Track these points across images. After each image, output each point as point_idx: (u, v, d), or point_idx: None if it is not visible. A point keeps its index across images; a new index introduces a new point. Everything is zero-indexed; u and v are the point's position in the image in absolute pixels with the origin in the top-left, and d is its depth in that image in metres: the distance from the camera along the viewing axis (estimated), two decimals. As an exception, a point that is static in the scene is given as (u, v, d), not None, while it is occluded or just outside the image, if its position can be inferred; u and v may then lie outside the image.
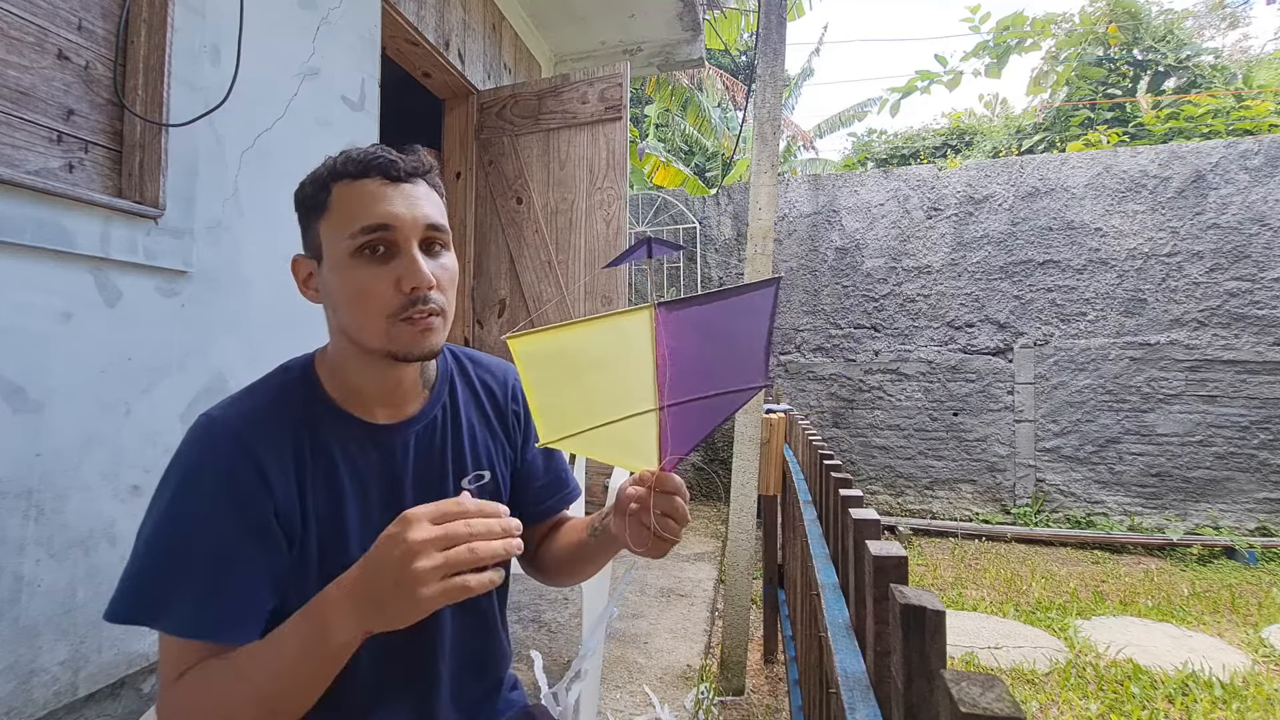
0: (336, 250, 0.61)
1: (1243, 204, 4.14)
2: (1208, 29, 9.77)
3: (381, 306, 0.60)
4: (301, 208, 0.66)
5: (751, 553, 2.05)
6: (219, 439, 0.61)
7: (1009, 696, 0.37)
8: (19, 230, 1.08)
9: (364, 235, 0.60)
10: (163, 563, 0.57)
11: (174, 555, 0.58)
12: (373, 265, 0.61)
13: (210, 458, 0.60)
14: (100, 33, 1.30)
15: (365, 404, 0.68)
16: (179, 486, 0.59)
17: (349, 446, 0.67)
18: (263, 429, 0.63)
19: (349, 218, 0.60)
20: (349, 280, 0.61)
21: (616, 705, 1.80)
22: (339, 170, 0.62)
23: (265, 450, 0.61)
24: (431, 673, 0.71)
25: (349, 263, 0.61)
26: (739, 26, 6.02)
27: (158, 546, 0.58)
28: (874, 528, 0.75)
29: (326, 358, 0.70)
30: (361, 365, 0.67)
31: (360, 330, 0.62)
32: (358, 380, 0.67)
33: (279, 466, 0.62)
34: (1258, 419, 4.07)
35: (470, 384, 0.79)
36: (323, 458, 0.65)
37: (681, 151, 9.38)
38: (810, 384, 4.88)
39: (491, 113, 2.95)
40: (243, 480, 0.60)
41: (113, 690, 1.25)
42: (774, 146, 2.06)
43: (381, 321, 0.61)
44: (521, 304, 2.92)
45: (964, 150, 8.48)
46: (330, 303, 0.65)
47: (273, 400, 0.65)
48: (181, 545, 0.58)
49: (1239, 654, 2.51)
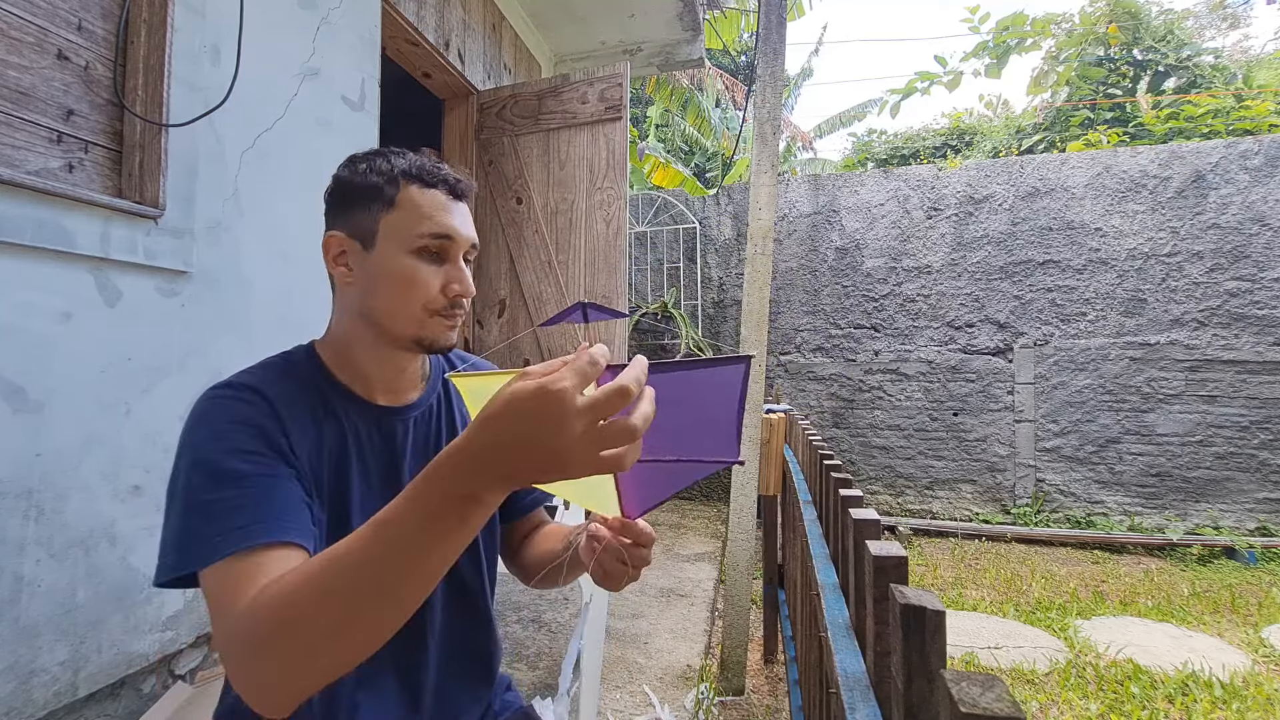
0: (396, 243, 0.67)
1: (1243, 204, 4.14)
2: (1208, 29, 9.77)
3: (426, 301, 0.68)
4: (355, 192, 0.69)
5: (751, 553, 2.05)
6: (239, 392, 0.63)
7: (1009, 696, 0.37)
8: (19, 230, 1.08)
9: (430, 239, 0.67)
10: (206, 500, 0.56)
11: (216, 488, 0.56)
12: (429, 264, 0.68)
13: (229, 403, 0.62)
14: (100, 33, 1.30)
15: (368, 387, 0.72)
16: (202, 434, 0.60)
17: (355, 421, 0.70)
18: (280, 390, 0.65)
19: (418, 219, 0.67)
20: (404, 271, 0.67)
21: (616, 705, 1.80)
22: (411, 173, 0.68)
23: (281, 404, 0.64)
24: (420, 653, 0.72)
25: (408, 257, 0.67)
26: (739, 26, 6.02)
27: (196, 488, 0.57)
28: (874, 528, 0.75)
29: (331, 341, 0.73)
30: (373, 349, 0.70)
31: (394, 315, 0.68)
32: (364, 363, 0.71)
33: (295, 420, 0.64)
34: (1258, 419, 4.07)
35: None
36: (334, 424, 0.68)
37: (681, 151, 9.38)
38: (810, 384, 4.88)
39: (491, 113, 2.95)
40: (264, 417, 0.62)
41: (113, 690, 1.25)
42: (774, 146, 2.06)
43: (420, 313, 0.68)
44: (521, 304, 2.92)
45: (964, 150, 8.48)
46: (367, 285, 0.68)
47: (283, 372, 0.68)
48: (220, 478, 0.57)
49: (1239, 654, 2.51)
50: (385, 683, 0.70)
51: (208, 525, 0.55)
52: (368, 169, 0.69)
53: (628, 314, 0.68)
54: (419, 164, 0.69)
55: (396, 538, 0.45)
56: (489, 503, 0.45)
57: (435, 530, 0.45)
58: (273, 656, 0.46)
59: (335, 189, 0.71)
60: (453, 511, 0.44)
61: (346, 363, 0.71)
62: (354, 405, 0.71)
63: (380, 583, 0.45)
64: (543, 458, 0.42)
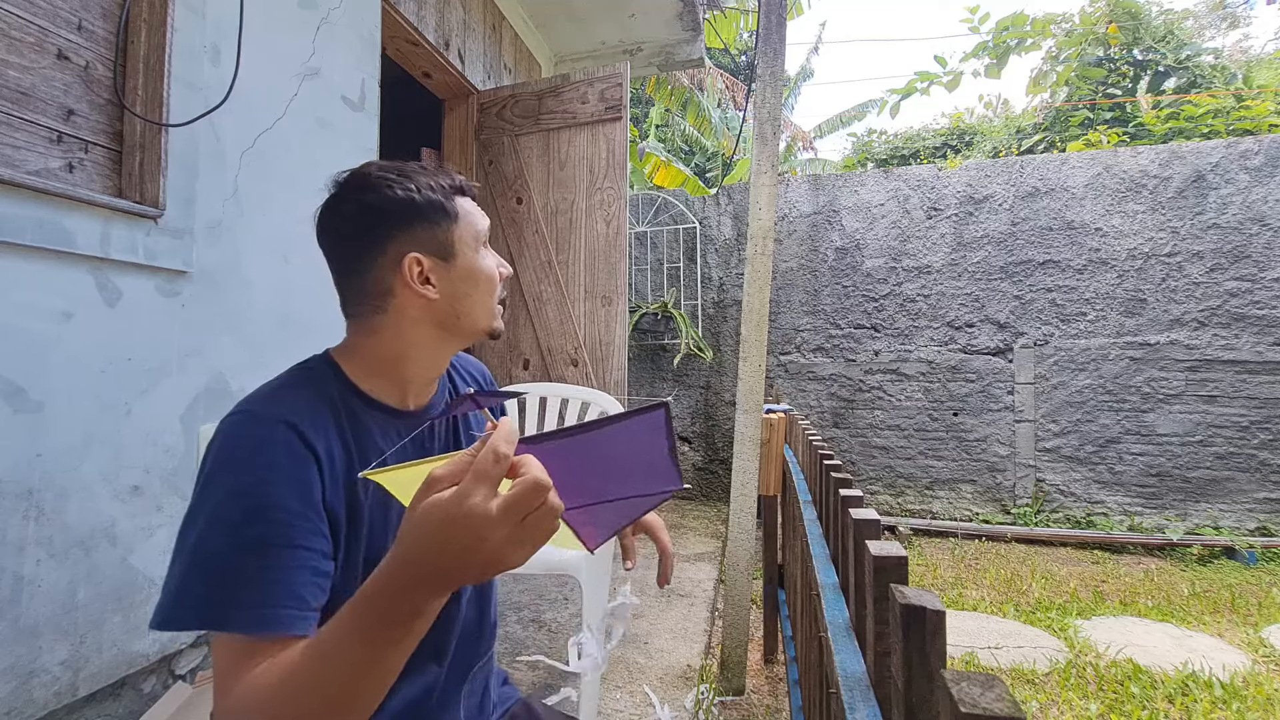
0: (471, 247, 0.73)
1: (1243, 204, 4.14)
2: (1207, 29, 9.77)
3: (496, 290, 0.76)
4: (418, 211, 0.69)
5: (751, 553, 2.05)
6: (269, 425, 0.60)
7: (1009, 696, 0.37)
8: (19, 230, 1.08)
9: (486, 235, 0.75)
10: (219, 563, 0.55)
11: (232, 551, 0.55)
12: (487, 258, 0.75)
13: (261, 446, 0.59)
14: (100, 33, 1.30)
15: (400, 394, 0.73)
16: (229, 482, 0.57)
17: (388, 432, 0.71)
18: (308, 417, 0.62)
19: (476, 221, 0.74)
20: (485, 270, 0.74)
21: (616, 705, 1.80)
22: (459, 188, 0.74)
23: (315, 435, 0.62)
24: (446, 642, 0.74)
25: (479, 256, 0.74)
26: (739, 26, 6.01)
27: (211, 544, 0.55)
28: (874, 528, 0.75)
29: (362, 353, 0.71)
30: (432, 353, 0.73)
31: (481, 314, 0.74)
32: (416, 370, 0.73)
33: (328, 452, 0.62)
34: (1258, 419, 4.07)
35: (460, 374, 0.88)
36: (370, 443, 0.68)
37: (681, 151, 9.38)
38: (810, 384, 4.88)
39: (491, 113, 2.95)
40: (300, 465, 0.59)
41: (113, 690, 1.25)
42: (774, 146, 2.06)
43: (494, 304, 0.76)
44: (521, 304, 2.92)
45: (964, 150, 8.48)
46: (457, 293, 0.71)
47: (306, 390, 0.66)
48: (239, 541, 0.55)
49: (1239, 654, 2.51)
50: (419, 669, 0.72)
51: (217, 591, 0.54)
52: (421, 188, 0.69)
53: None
54: (456, 178, 0.75)
55: (346, 661, 0.47)
56: (431, 610, 0.47)
57: (381, 646, 0.46)
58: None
59: (391, 210, 0.68)
60: (398, 626, 0.46)
61: (386, 373, 0.71)
62: (382, 415, 0.71)
63: (339, 696, 0.48)
64: (476, 568, 0.44)
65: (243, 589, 0.54)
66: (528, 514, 0.43)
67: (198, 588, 0.54)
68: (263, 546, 0.55)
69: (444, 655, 0.74)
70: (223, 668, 0.53)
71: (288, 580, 0.55)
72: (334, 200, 0.69)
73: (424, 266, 0.68)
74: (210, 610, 0.53)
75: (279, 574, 0.55)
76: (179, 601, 0.54)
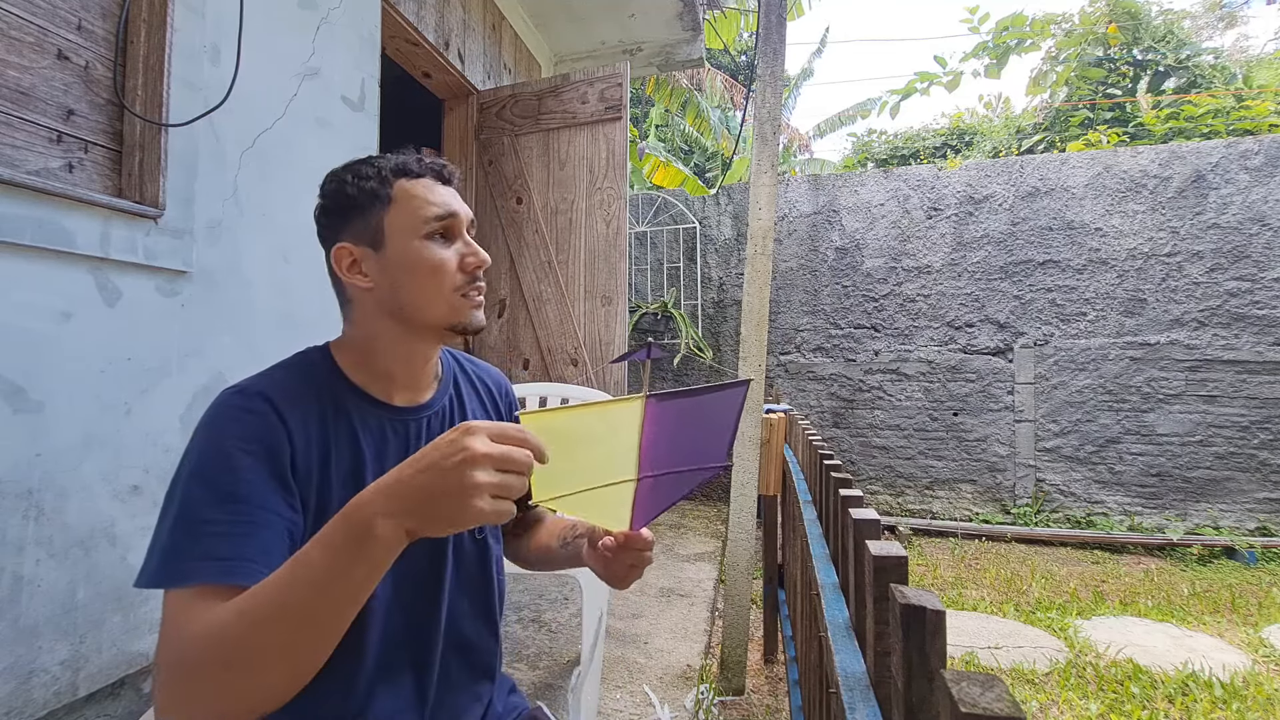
0: (406, 234, 0.69)
1: (1243, 204, 4.14)
2: (1207, 29, 9.76)
3: (450, 282, 0.70)
4: (350, 201, 0.70)
5: (751, 553, 2.05)
6: (247, 398, 0.64)
7: (1009, 696, 0.37)
8: (19, 230, 1.08)
9: (436, 222, 0.69)
10: (197, 516, 0.57)
11: (209, 506, 0.57)
12: (440, 246, 0.70)
13: (238, 414, 0.63)
14: (100, 33, 1.30)
15: (386, 388, 0.73)
16: (207, 444, 0.61)
17: (369, 422, 0.71)
18: (289, 394, 0.66)
19: (419, 205, 0.69)
20: (425, 259, 0.69)
21: (616, 705, 1.80)
22: (400, 169, 0.70)
23: (290, 410, 0.65)
24: (431, 651, 0.73)
25: (422, 244, 0.69)
26: (739, 26, 6.01)
27: (191, 500, 0.58)
28: (874, 528, 0.75)
29: (349, 345, 0.73)
30: (398, 346, 0.72)
31: (427, 305, 0.69)
32: (387, 362, 0.72)
33: (303, 428, 0.65)
34: (1258, 419, 4.07)
35: (470, 380, 0.86)
36: (345, 426, 0.69)
37: (681, 151, 9.38)
38: (810, 384, 4.88)
39: (491, 113, 2.95)
40: (269, 433, 0.62)
41: (113, 690, 1.25)
42: (774, 146, 2.05)
43: (450, 295, 0.70)
44: (521, 304, 2.92)
45: (964, 150, 8.48)
46: (391, 282, 0.69)
47: (297, 375, 0.69)
48: (216, 496, 0.58)
49: (1239, 654, 2.51)
50: (402, 677, 0.70)
51: (194, 545, 0.56)
52: (354, 177, 0.70)
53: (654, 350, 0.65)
54: (401, 159, 0.71)
55: (305, 574, 0.49)
56: (383, 538, 0.48)
57: (337, 565, 0.48)
58: (200, 680, 0.50)
59: (328, 205, 0.72)
60: (352, 543, 0.48)
61: (366, 364, 0.72)
62: (368, 407, 0.71)
63: (297, 616, 0.49)
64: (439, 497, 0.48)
65: (218, 543, 0.56)
66: (508, 468, 0.48)
67: (178, 543, 0.56)
68: (235, 502, 0.58)
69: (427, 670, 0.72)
70: (174, 615, 0.53)
71: (259, 536, 0.58)
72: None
73: (355, 255, 0.70)
74: (185, 566, 0.55)
75: (250, 529, 0.57)
76: (163, 557, 0.56)
